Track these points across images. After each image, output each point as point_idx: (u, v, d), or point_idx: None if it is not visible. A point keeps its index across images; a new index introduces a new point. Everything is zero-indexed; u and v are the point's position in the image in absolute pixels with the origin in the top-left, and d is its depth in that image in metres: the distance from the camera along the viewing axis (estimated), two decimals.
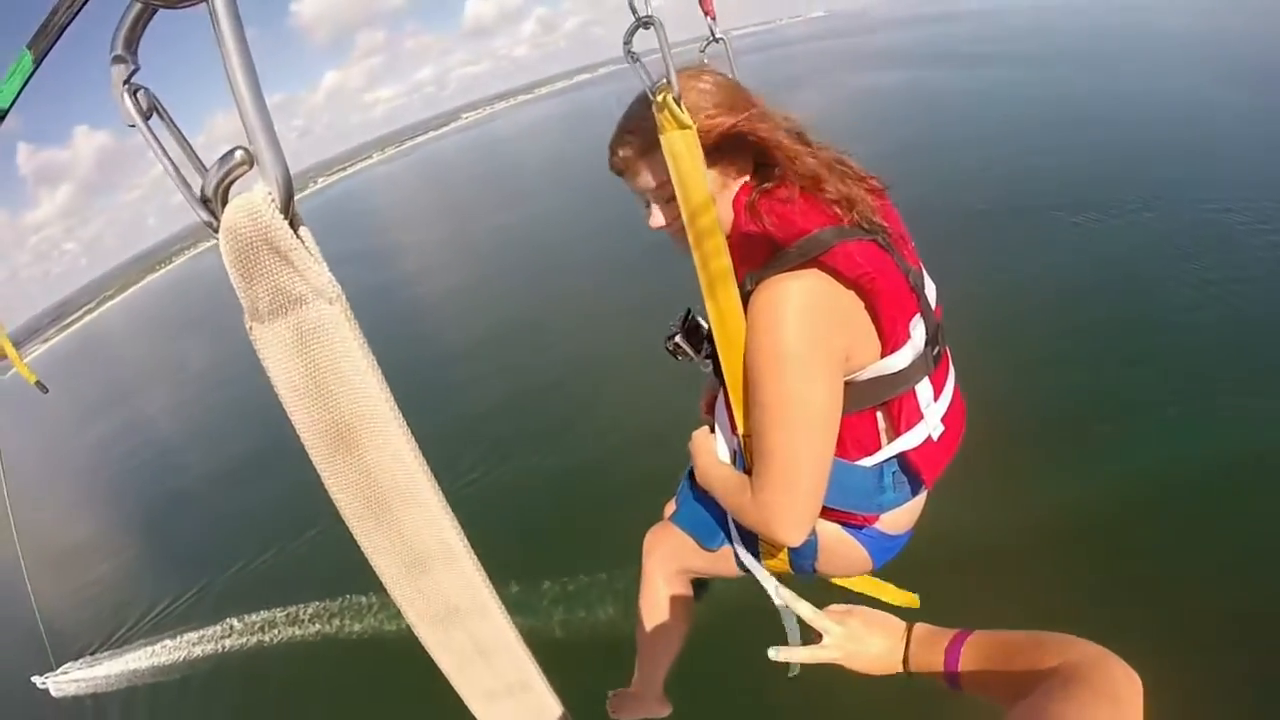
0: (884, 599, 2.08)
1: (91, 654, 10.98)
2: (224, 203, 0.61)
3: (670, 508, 2.44)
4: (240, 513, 13.27)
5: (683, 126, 1.40)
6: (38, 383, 2.30)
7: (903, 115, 24.42)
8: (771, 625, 1.99)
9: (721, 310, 1.51)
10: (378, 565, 0.80)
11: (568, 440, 10.90)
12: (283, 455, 13.90)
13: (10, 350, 2.18)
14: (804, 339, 1.43)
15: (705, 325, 1.84)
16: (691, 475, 2.30)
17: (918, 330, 1.58)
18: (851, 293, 1.47)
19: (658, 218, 1.68)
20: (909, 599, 2.12)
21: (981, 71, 26.78)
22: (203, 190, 0.61)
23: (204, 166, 0.61)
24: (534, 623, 6.91)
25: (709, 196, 1.45)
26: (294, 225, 0.61)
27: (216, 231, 0.61)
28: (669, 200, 1.57)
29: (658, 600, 2.28)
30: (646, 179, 1.62)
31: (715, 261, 1.48)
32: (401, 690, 7.07)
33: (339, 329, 0.64)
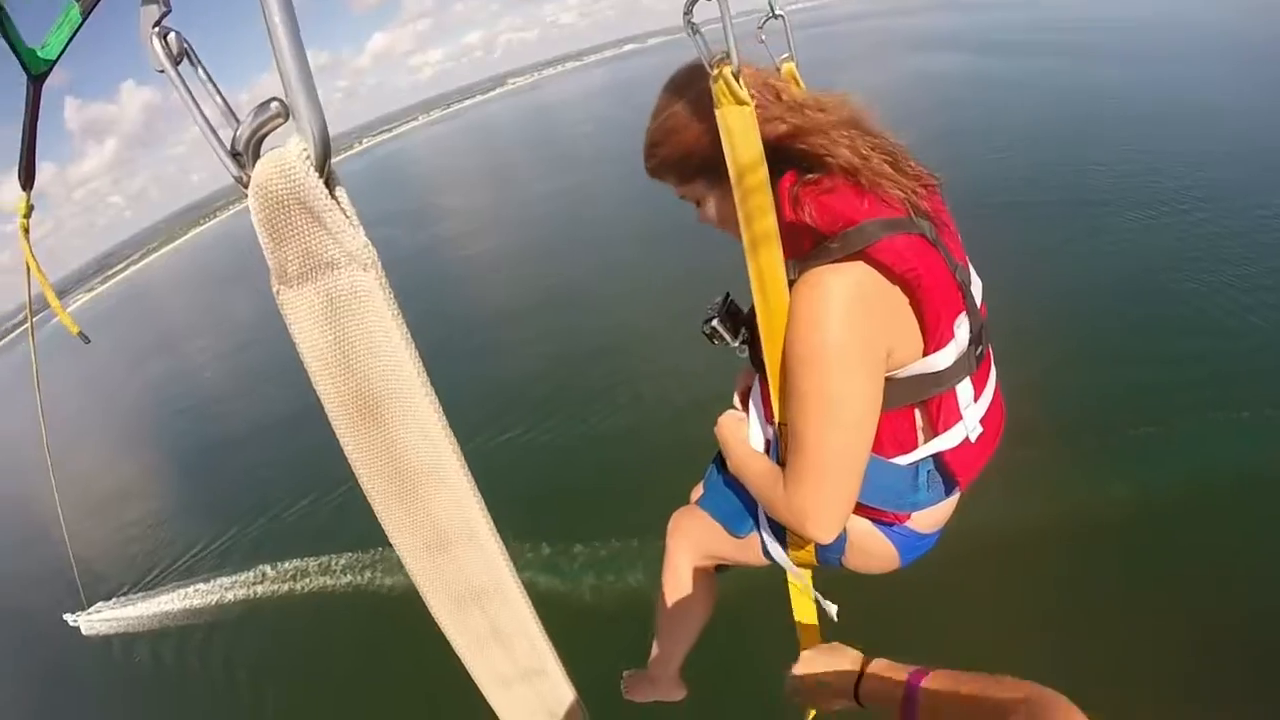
0: (800, 630, 2.11)
1: (123, 595, 11.25)
2: (255, 157, 0.57)
3: (697, 491, 2.39)
4: (276, 462, 13.50)
5: (740, 102, 1.35)
6: (80, 333, 2.30)
7: (951, 99, 23.86)
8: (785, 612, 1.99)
9: (763, 275, 1.46)
10: (396, 541, 0.77)
11: (608, 406, 10.94)
12: (314, 411, 14.13)
13: (53, 300, 2.18)
14: (846, 334, 1.38)
15: (744, 311, 1.80)
16: (720, 459, 2.24)
17: (962, 329, 1.53)
18: (896, 288, 1.42)
19: (707, 213, 1.67)
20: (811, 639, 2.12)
21: (1035, 61, 26.08)
22: (234, 142, 0.57)
23: (237, 118, 0.58)
24: (564, 586, 6.98)
25: (760, 156, 1.39)
26: (329, 185, 0.57)
27: (246, 187, 0.57)
28: (715, 195, 1.58)
29: (680, 584, 2.26)
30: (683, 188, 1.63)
31: (759, 221, 1.42)
32: (431, 645, 7.17)
33: (372, 298, 0.61)
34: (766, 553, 2.02)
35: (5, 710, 10.98)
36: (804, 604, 2.11)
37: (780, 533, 1.96)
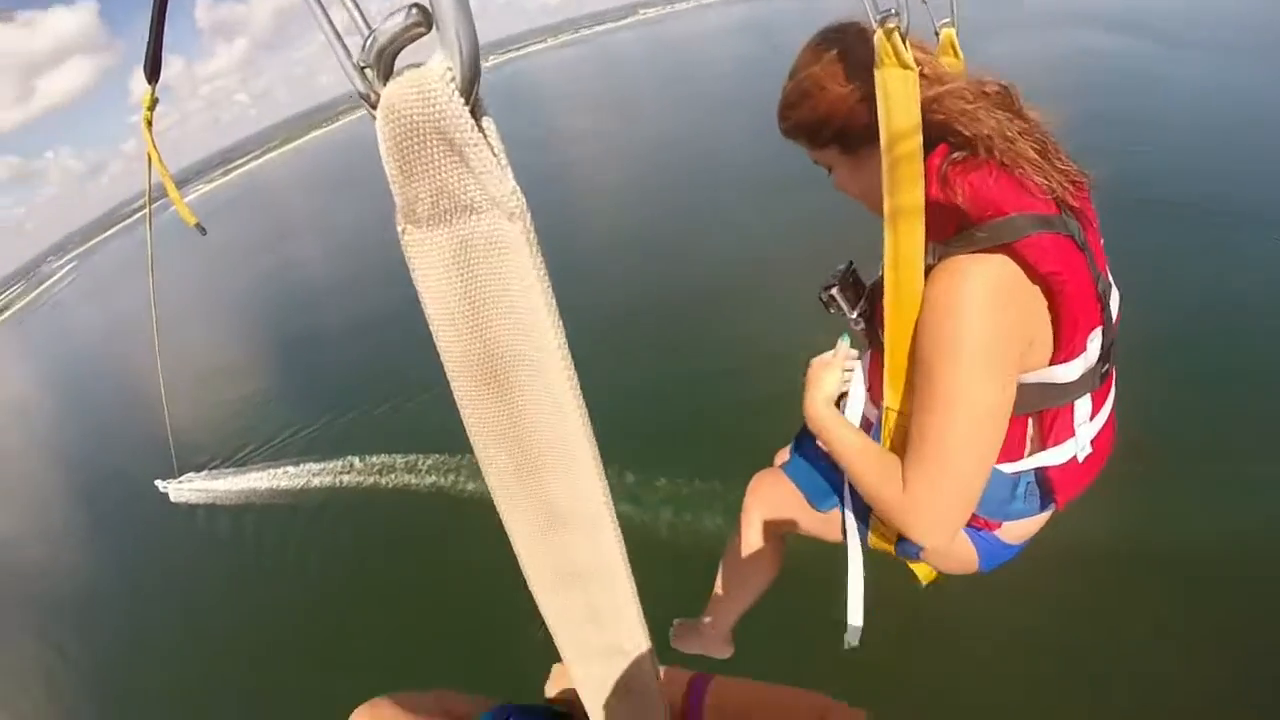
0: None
1: (213, 468, 11.95)
2: (388, 74, 0.48)
3: (781, 455, 2.35)
4: (374, 358, 13.91)
5: (905, 66, 1.26)
6: (197, 225, 2.34)
7: (1094, 84, 22.14)
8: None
9: (899, 252, 1.38)
10: (505, 512, 0.71)
11: (708, 345, 10.83)
12: (423, 314, 14.46)
13: (173, 191, 2.22)
14: (988, 330, 1.31)
15: (865, 283, 1.75)
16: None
17: (1094, 343, 1.44)
18: (1037, 289, 1.34)
19: (841, 181, 1.61)
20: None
21: (1188, 53, 23.74)
22: (363, 53, 0.48)
23: (369, 25, 0.49)
24: (641, 516, 7.02)
25: (917, 123, 1.30)
26: (475, 115, 0.48)
27: (374, 107, 0.49)
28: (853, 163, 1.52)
29: (750, 546, 2.22)
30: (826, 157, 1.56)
31: (906, 194, 1.34)
32: (503, 556, 7.33)
33: (515, 251, 0.52)
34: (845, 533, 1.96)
35: (90, 563, 11.88)
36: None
37: (864, 516, 1.89)
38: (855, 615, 1.96)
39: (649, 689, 0.89)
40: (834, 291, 1.72)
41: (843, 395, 1.84)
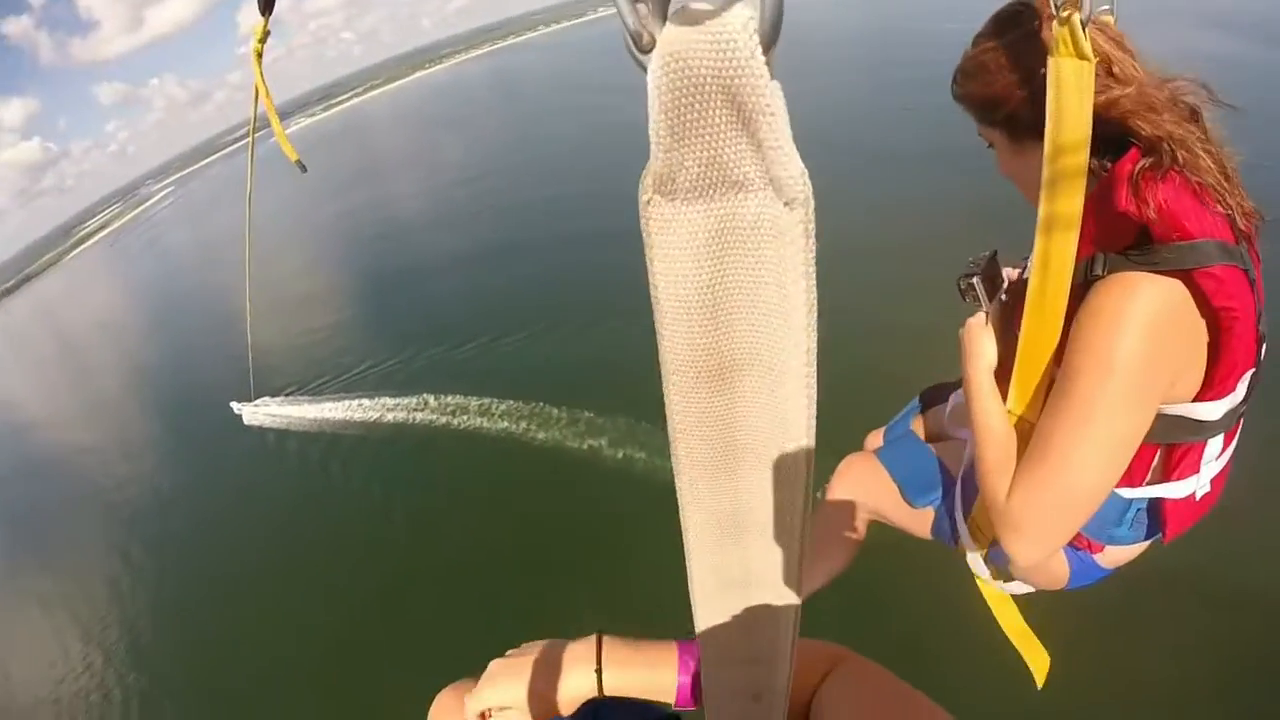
0: (1016, 643, 2.00)
1: (288, 394, 12.33)
2: (663, 14, 0.40)
3: (874, 439, 2.33)
4: (460, 298, 13.91)
5: (1082, 57, 1.16)
6: (298, 162, 2.38)
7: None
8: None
9: (1049, 258, 1.31)
10: (687, 510, 0.65)
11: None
12: (513, 254, 14.59)
13: (277, 126, 2.26)
14: (1144, 354, 1.25)
15: (1006, 279, 1.70)
16: (913, 412, 2.20)
17: (1243, 385, 1.38)
18: (1204, 322, 1.28)
19: (1004, 163, 1.55)
20: (1040, 658, 1.99)
21: None
22: None
23: None
24: None
25: (1088, 124, 1.20)
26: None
27: (644, 53, 0.41)
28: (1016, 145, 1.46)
29: (831, 529, 2.18)
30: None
31: (1065, 202, 1.26)
32: (574, 502, 7.34)
33: (788, 244, 0.44)
34: (941, 531, 1.94)
35: (161, 477, 12.38)
36: (1018, 629, 2.02)
37: (966, 511, 1.84)
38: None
39: (777, 698, 0.87)
40: (975, 280, 1.66)
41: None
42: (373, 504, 9.00)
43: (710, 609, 0.77)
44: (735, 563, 0.69)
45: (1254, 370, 1.38)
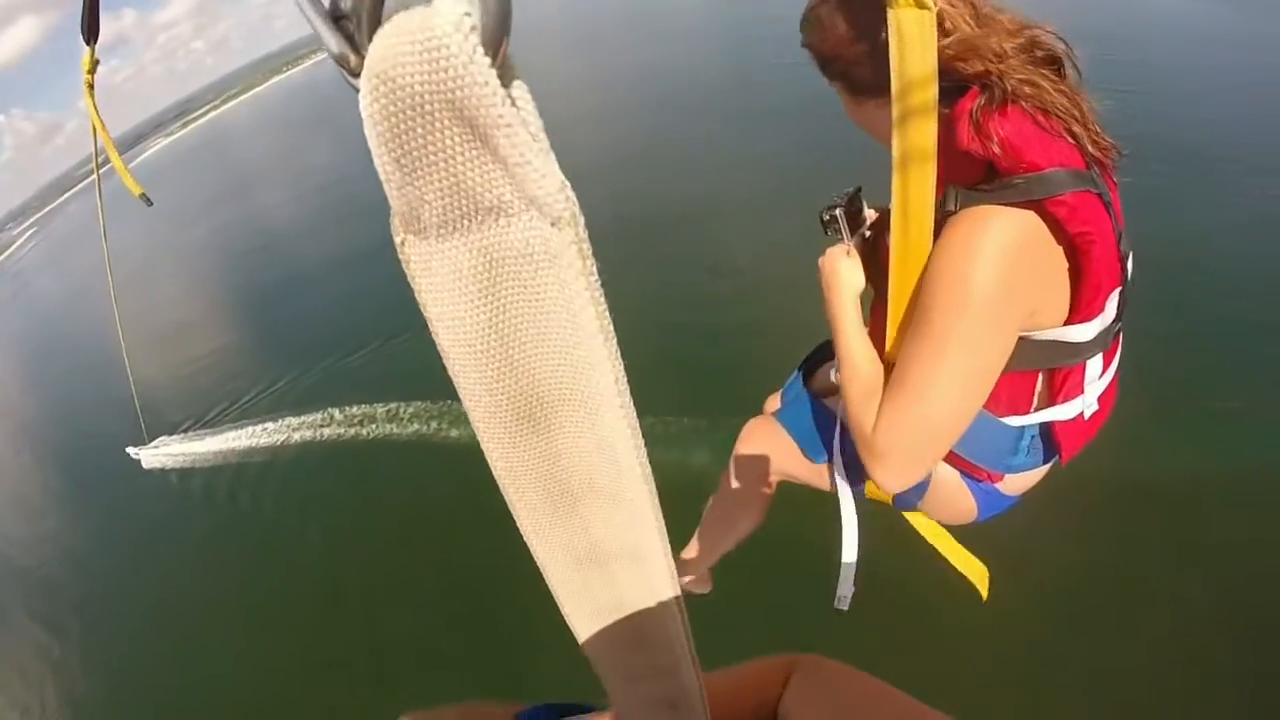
0: (953, 562, 2.02)
1: (184, 430, 11.71)
2: (374, 26, 0.33)
3: (772, 402, 2.35)
4: (344, 304, 13.36)
5: (921, 6, 1.16)
6: (143, 195, 2.21)
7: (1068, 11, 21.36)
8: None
9: (908, 198, 1.32)
10: (540, 555, 0.61)
11: (688, 277, 10.36)
12: (390, 251, 14.10)
13: (116, 159, 2.09)
14: (998, 284, 1.26)
15: (864, 212, 1.73)
16: (806, 372, 2.21)
17: (1112, 304, 1.41)
18: (1061, 249, 1.31)
19: (852, 113, 1.52)
20: (979, 571, 2.02)
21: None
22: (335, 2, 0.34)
23: None
24: None
25: (933, 71, 1.21)
26: (504, 79, 0.34)
27: (354, 76, 0.34)
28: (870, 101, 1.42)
29: (739, 491, 2.22)
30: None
31: (916, 141, 1.26)
32: (495, 499, 7.24)
33: (561, 266, 0.39)
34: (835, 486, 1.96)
35: (66, 533, 11.70)
36: (948, 544, 2.03)
37: (857, 472, 1.86)
38: (845, 583, 1.95)
39: (694, 702, 0.85)
40: (837, 213, 1.67)
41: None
42: (289, 528, 8.70)
43: (594, 639, 0.73)
44: (604, 593, 0.65)
45: (1121, 288, 1.41)
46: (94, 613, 9.54)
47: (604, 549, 0.59)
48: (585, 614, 0.69)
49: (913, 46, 1.20)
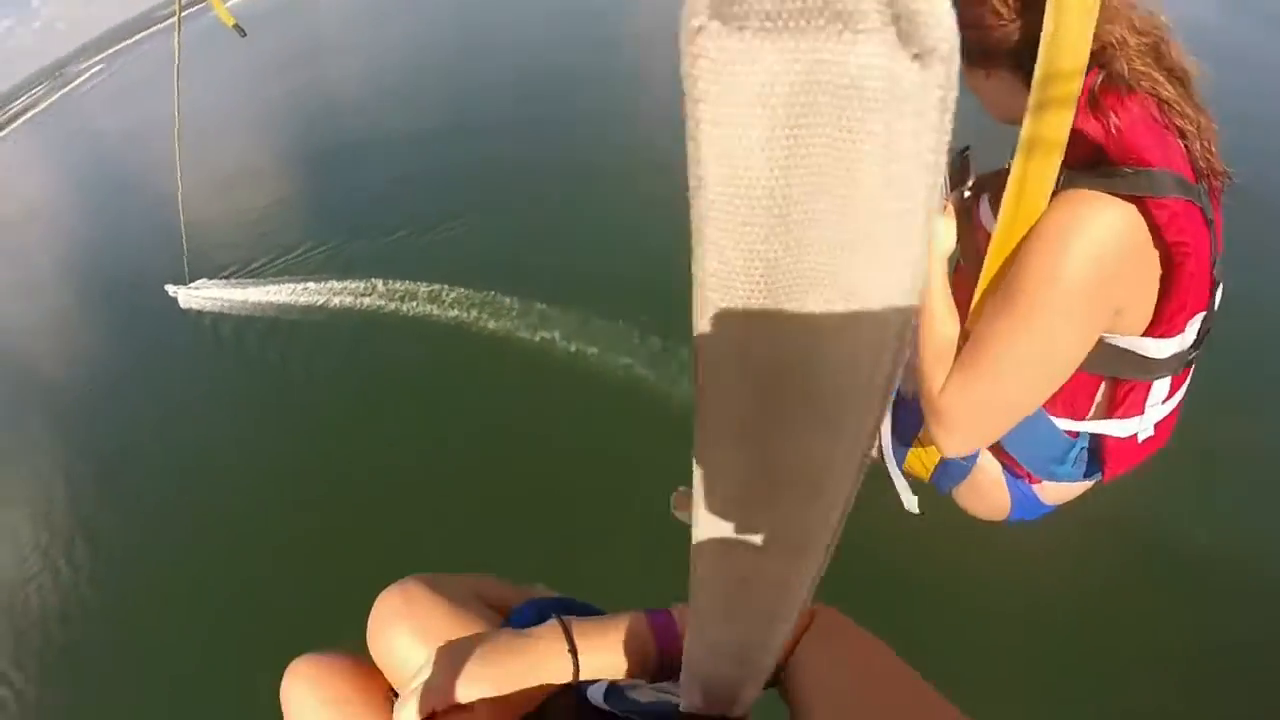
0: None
1: (226, 276, 11.76)
2: None
3: None
4: (409, 182, 13.17)
5: None
6: (236, 25, 1.99)
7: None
8: None
9: (1026, 182, 1.27)
10: (712, 487, 0.55)
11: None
12: (467, 130, 13.91)
13: None
14: (1091, 274, 1.25)
15: (973, 178, 1.66)
16: None
17: (1193, 328, 1.41)
18: (1157, 254, 1.29)
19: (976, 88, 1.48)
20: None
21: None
22: None
23: None
24: (660, 385, 6.62)
25: (1084, 65, 1.17)
26: None
27: None
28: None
29: None
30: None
31: (1051, 129, 1.22)
32: (522, 394, 7.04)
33: (910, 119, 0.27)
34: (882, 455, 1.97)
35: (91, 359, 11.93)
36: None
37: (907, 435, 1.89)
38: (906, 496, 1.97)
39: (762, 664, 0.82)
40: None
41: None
42: (313, 389, 8.70)
43: (719, 596, 0.69)
44: (763, 522, 0.58)
45: (1206, 314, 1.40)
46: (106, 428, 9.48)
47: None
48: (725, 579, 0.66)
49: (1071, 17, 1.14)
